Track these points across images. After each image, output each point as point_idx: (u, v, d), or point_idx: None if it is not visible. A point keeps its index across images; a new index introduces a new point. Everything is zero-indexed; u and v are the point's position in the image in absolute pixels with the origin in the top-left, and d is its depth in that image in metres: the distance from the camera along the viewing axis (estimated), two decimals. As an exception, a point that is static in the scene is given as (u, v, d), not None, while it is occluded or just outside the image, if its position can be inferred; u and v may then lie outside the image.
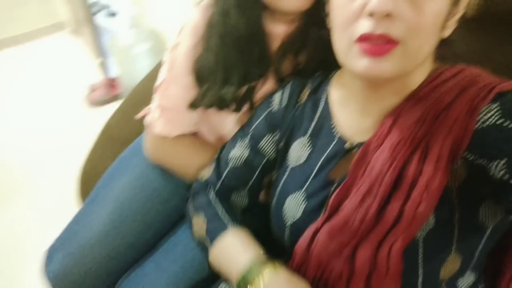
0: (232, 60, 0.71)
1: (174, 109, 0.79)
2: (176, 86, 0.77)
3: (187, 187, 0.82)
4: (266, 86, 0.76)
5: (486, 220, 0.52)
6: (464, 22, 0.53)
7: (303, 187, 0.62)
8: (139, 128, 1.03)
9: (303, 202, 0.61)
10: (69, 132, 2.08)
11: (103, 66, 2.43)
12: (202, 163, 0.81)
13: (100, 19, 2.87)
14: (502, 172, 0.46)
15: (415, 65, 0.51)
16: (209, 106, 0.75)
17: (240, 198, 0.74)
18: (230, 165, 0.73)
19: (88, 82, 2.35)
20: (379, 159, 0.52)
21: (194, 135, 0.86)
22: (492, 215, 0.51)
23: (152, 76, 1.16)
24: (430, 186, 0.49)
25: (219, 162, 0.75)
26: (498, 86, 0.49)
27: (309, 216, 0.60)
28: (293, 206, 0.62)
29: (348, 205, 0.53)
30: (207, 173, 0.77)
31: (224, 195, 0.74)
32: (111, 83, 2.26)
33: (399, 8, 0.46)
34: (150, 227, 0.84)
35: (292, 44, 0.73)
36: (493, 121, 0.47)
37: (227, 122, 0.81)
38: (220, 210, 0.71)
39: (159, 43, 2.05)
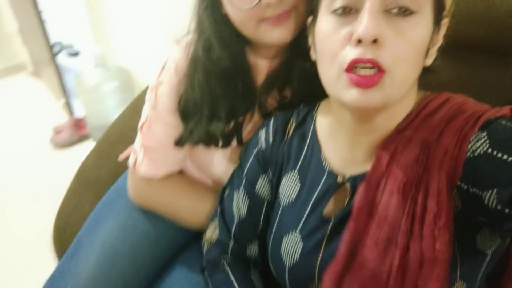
0: (218, 94, 0.71)
1: (159, 148, 0.77)
2: (160, 124, 0.76)
3: (176, 228, 0.79)
4: (254, 120, 0.75)
5: (485, 246, 0.52)
6: (446, 50, 0.55)
7: (297, 227, 0.61)
8: (117, 169, 0.99)
9: (299, 244, 0.60)
10: (36, 177, 1.98)
11: (68, 106, 2.37)
12: (191, 203, 0.79)
13: (62, 59, 2.83)
14: (495, 202, 0.46)
15: (403, 94, 0.52)
16: (196, 142, 0.74)
17: (254, 248, 0.72)
18: (235, 219, 0.70)
19: (52, 124, 2.27)
20: (391, 205, 0.51)
21: (181, 174, 0.84)
22: (490, 241, 0.52)
23: (126, 115, 1.14)
24: (438, 222, 0.49)
25: (224, 217, 0.72)
26: (485, 115, 0.50)
27: (306, 258, 0.59)
28: (290, 249, 0.60)
29: (371, 256, 0.52)
30: (212, 231, 0.74)
31: (239, 254, 0.71)
32: (77, 124, 2.20)
33: (385, 35, 0.47)
34: (140, 271, 0.80)
35: (276, 78, 0.73)
36: (483, 150, 0.48)
37: (215, 159, 0.80)
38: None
39: (126, 81, 2.03)
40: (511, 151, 0.46)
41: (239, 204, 0.70)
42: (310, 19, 0.58)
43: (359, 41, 0.47)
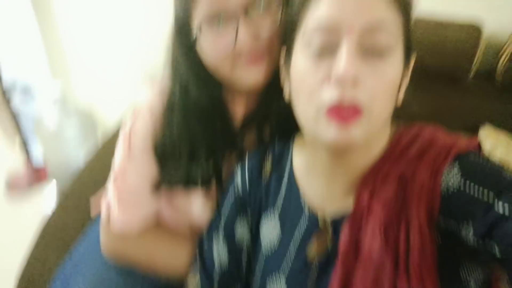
0: (197, 134, 0.70)
1: (135, 198, 0.74)
2: (135, 170, 0.73)
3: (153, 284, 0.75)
4: (233, 159, 0.74)
5: (468, 278, 0.52)
6: (415, 82, 0.58)
7: (281, 272, 0.60)
8: (86, 223, 0.94)
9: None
10: None
11: (25, 151, 2.25)
12: (170, 252, 0.76)
13: (18, 102, 2.70)
14: (470, 234, 0.47)
15: (379, 129, 0.53)
16: (175, 184, 0.72)
17: None
18: (217, 271, 0.67)
19: (7, 172, 2.14)
20: (374, 244, 0.51)
21: (157, 224, 0.81)
22: (471, 271, 0.52)
23: (92, 166, 1.09)
24: (424, 258, 0.49)
25: (205, 270, 0.69)
26: (455, 147, 0.52)
27: None
28: None
29: None
30: (194, 282, 0.70)
31: None
32: (36, 170, 2.09)
33: (362, 75, 0.47)
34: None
35: (253, 118, 0.73)
36: (456, 183, 0.49)
37: (193, 203, 0.78)
38: None
39: (88, 122, 1.97)
40: (481, 185, 0.47)
41: (220, 255, 0.68)
42: (283, 56, 0.59)
43: (338, 82, 0.47)
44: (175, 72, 0.71)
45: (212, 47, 0.63)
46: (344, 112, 0.48)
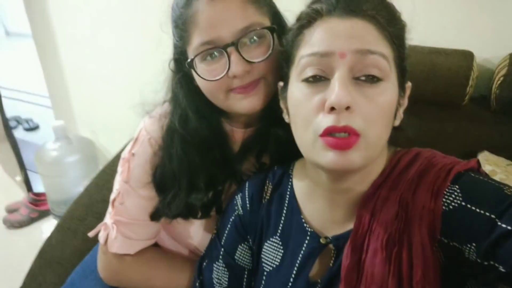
0: (197, 164, 0.70)
1: (133, 223, 0.74)
2: (133, 198, 0.74)
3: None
4: (232, 189, 0.74)
5: None
6: (410, 108, 0.59)
7: None
8: (83, 246, 0.94)
9: None
10: None
11: (26, 182, 2.25)
12: (168, 277, 0.75)
13: (20, 133, 2.74)
14: (474, 255, 0.47)
15: (377, 154, 0.54)
16: (175, 216, 0.72)
17: None
18: None
19: (7, 202, 2.13)
20: (376, 263, 0.51)
21: (155, 246, 0.80)
22: None
23: (92, 188, 1.10)
24: (427, 277, 0.49)
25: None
26: (454, 168, 0.52)
27: None
28: None
29: None
30: None
31: None
32: (36, 200, 2.08)
33: (356, 101, 0.49)
34: None
35: (251, 146, 0.73)
36: (457, 204, 0.49)
37: (191, 230, 0.77)
38: None
39: (89, 152, 1.98)
40: (483, 205, 0.47)
41: (220, 276, 0.68)
42: (280, 84, 0.60)
43: (332, 109, 0.48)
44: (175, 104, 0.72)
45: (205, 76, 0.64)
46: (340, 139, 0.48)
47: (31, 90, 3.17)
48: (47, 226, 1.98)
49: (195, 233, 0.79)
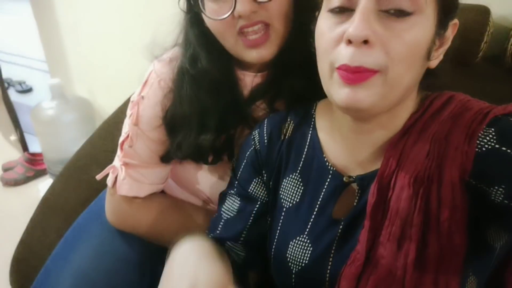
0: (207, 105, 0.68)
1: (142, 165, 0.73)
2: (143, 140, 0.72)
3: (159, 249, 0.73)
4: (244, 134, 0.73)
5: (494, 241, 0.52)
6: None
7: (305, 230, 0.59)
8: (88, 194, 0.92)
9: (308, 247, 0.57)
10: None
11: (21, 142, 2.22)
12: (178, 222, 0.74)
13: (12, 95, 2.68)
14: (502, 197, 0.47)
15: (399, 95, 0.51)
16: (185, 157, 0.70)
17: (236, 252, 0.67)
18: (223, 217, 0.67)
19: (1, 161, 2.11)
20: (402, 199, 0.50)
21: (163, 193, 0.79)
22: (499, 236, 0.52)
23: (95, 138, 1.07)
24: (454, 216, 0.48)
25: (213, 219, 0.69)
26: (493, 111, 0.50)
27: (317, 261, 0.56)
28: (298, 253, 0.58)
29: (385, 252, 0.50)
30: None
31: None
32: (32, 159, 2.05)
33: (377, 36, 0.46)
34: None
35: (261, 92, 0.72)
36: (491, 146, 0.48)
37: (200, 176, 0.76)
38: None
39: (86, 112, 1.95)
40: None
41: (228, 205, 0.67)
42: (317, 14, 0.57)
43: (350, 41, 0.46)
44: (186, 45, 0.70)
45: (211, 15, 0.62)
46: (351, 72, 0.47)
47: (24, 53, 3.10)
48: (44, 185, 1.97)
49: (204, 178, 0.78)
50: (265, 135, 0.66)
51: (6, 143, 2.32)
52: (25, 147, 2.20)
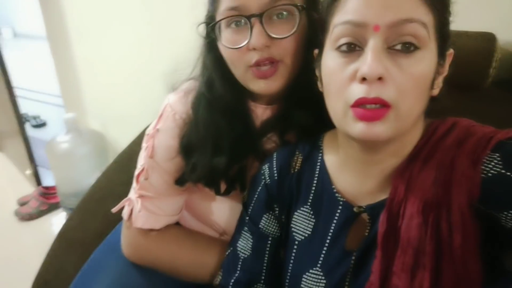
0: (222, 128, 0.70)
1: (157, 198, 0.74)
2: (158, 173, 0.73)
3: (177, 282, 0.73)
4: (255, 166, 0.74)
5: (511, 266, 0.51)
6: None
7: (317, 263, 0.58)
8: (104, 228, 0.93)
9: (322, 280, 0.57)
10: (3, 250, 1.79)
11: (35, 176, 2.25)
12: (194, 255, 0.74)
13: (27, 129, 2.74)
14: (511, 223, 0.46)
15: (409, 125, 0.52)
16: (199, 179, 0.71)
17: None
18: (240, 260, 0.67)
19: (17, 196, 2.13)
20: (412, 227, 0.50)
21: (179, 225, 0.80)
22: None
23: (110, 172, 1.09)
24: (467, 242, 0.48)
25: (228, 260, 0.69)
26: (495, 136, 0.51)
27: None
28: (312, 286, 0.58)
29: (399, 283, 0.50)
30: (220, 275, 0.70)
31: None
32: (47, 192, 2.07)
33: (389, 72, 0.48)
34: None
35: (272, 124, 0.73)
36: (497, 171, 0.48)
37: (214, 207, 0.76)
38: None
39: (100, 145, 1.98)
40: None
41: (244, 244, 0.67)
42: (316, 51, 0.60)
43: (364, 79, 0.48)
44: (203, 66, 0.72)
45: (227, 43, 0.64)
46: (368, 111, 0.48)
47: (40, 89, 3.20)
48: (57, 219, 1.98)
49: (218, 209, 0.78)
50: (275, 169, 0.67)
51: (22, 178, 2.35)
52: (39, 181, 2.23)
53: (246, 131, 0.72)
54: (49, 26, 2.00)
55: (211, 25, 0.65)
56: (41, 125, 2.95)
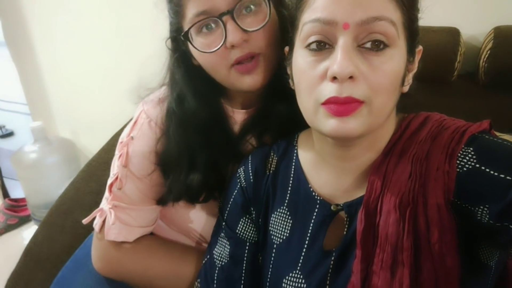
0: (195, 146, 0.68)
1: (131, 208, 0.71)
2: (132, 182, 0.71)
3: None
4: (235, 171, 0.71)
5: (488, 260, 0.51)
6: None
7: (297, 265, 0.57)
8: (73, 241, 0.89)
9: (302, 283, 0.56)
10: None
11: (2, 189, 2.16)
12: (168, 267, 0.72)
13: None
14: (488, 217, 0.46)
15: (382, 121, 0.52)
16: (177, 199, 0.69)
17: None
18: (217, 265, 0.65)
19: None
20: (390, 223, 0.50)
21: (152, 235, 0.77)
22: (491, 254, 0.51)
23: (78, 181, 1.05)
24: (444, 237, 0.48)
25: (206, 265, 0.67)
26: (469, 130, 0.51)
27: None
28: None
29: (379, 282, 0.49)
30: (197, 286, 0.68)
31: None
32: (15, 206, 1.99)
33: (359, 71, 0.47)
34: None
35: (252, 126, 0.71)
36: (471, 166, 0.48)
37: (192, 216, 0.74)
38: None
39: (70, 153, 1.91)
40: (498, 166, 0.47)
41: (221, 251, 0.65)
42: (286, 49, 0.59)
43: (335, 78, 0.47)
44: (172, 82, 0.70)
45: (203, 49, 0.62)
46: (340, 106, 0.47)
47: (4, 97, 3.07)
48: (28, 233, 1.90)
49: (196, 217, 0.76)
50: (250, 171, 0.66)
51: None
52: (6, 193, 2.14)
53: (225, 140, 0.70)
54: (8, 32, 1.92)
55: (182, 35, 0.63)
56: (8, 134, 2.84)
